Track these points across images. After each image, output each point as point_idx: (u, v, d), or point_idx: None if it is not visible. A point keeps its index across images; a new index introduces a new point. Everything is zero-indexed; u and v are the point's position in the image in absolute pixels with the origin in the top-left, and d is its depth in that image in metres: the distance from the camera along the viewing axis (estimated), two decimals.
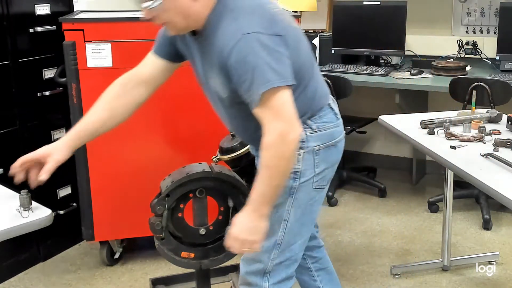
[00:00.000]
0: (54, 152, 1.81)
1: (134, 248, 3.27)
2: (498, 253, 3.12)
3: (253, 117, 1.68)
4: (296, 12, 4.15)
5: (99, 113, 1.87)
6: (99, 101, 1.89)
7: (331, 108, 1.89)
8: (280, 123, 1.62)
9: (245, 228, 1.70)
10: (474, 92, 3.01)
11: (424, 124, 2.52)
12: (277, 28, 1.64)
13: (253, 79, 1.59)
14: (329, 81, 3.69)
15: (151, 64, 1.91)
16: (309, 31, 4.48)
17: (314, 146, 1.83)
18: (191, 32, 1.73)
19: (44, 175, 1.74)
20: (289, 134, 1.63)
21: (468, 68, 3.83)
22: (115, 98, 1.90)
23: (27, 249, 3.11)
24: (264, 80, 1.59)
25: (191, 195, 2.14)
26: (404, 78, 3.78)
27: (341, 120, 1.94)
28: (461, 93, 3.45)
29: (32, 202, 1.74)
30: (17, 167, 1.75)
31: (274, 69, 1.60)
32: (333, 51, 4.17)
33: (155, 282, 2.60)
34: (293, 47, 1.69)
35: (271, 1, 1.73)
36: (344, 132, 1.96)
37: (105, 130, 1.89)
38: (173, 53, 1.88)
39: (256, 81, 1.59)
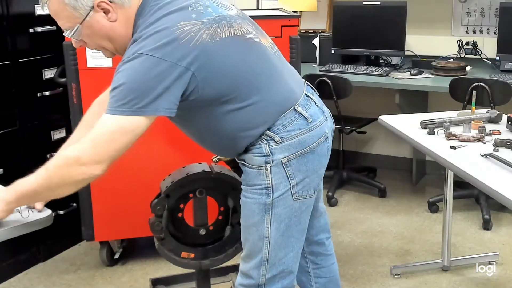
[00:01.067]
0: None
1: (134, 248, 3.27)
2: (498, 253, 3.12)
3: (205, 126, 1.72)
4: (296, 12, 4.15)
5: (81, 131, 1.89)
6: (81, 120, 1.94)
7: (299, 114, 1.75)
8: (88, 151, 1.58)
9: None
10: (474, 92, 3.00)
11: (424, 124, 2.52)
12: (172, 53, 1.55)
13: (111, 94, 1.58)
14: (329, 81, 3.71)
15: None
16: (309, 31, 4.48)
17: (282, 158, 1.72)
18: None
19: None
20: (86, 166, 1.58)
21: (468, 68, 3.84)
22: (94, 115, 1.89)
23: (27, 249, 3.11)
24: (116, 104, 1.56)
25: (191, 195, 2.14)
26: (404, 78, 3.78)
27: (318, 122, 1.79)
28: (461, 93, 3.45)
29: None
30: None
31: (136, 96, 1.55)
32: (333, 51, 4.17)
33: (155, 282, 2.60)
34: (211, 65, 1.60)
35: (199, 12, 1.63)
36: (326, 132, 1.81)
37: None
38: None
39: (111, 98, 1.57)
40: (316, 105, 1.83)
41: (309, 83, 1.90)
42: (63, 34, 1.68)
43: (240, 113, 1.69)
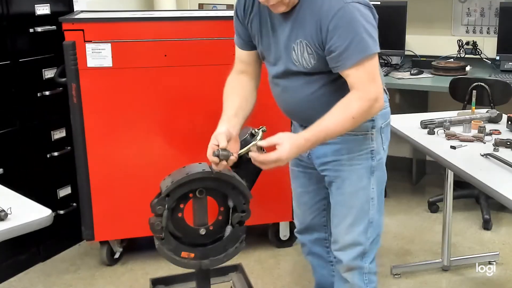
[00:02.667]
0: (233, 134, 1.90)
1: (134, 248, 3.27)
2: (498, 253, 3.12)
3: (331, 88, 1.82)
4: None
5: (236, 99, 1.97)
6: (228, 94, 2.00)
7: (384, 89, 1.95)
8: (375, 86, 1.75)
9: (286, 158, 1.75)
10: (474, 92, 3.01)
11: (424, 124, 2.52)
12: (368, 1, 1.79)
13: (351, 44, 1.70)
14: None
15: (242, 58, 2.06)
16: None
17: (381, 124, 1.95)
18: None
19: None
20: (379, 100, 1.76)
21: (468, 68, 3.84)
22: (239, 87, 2.02)
23: (27, 249, 3.11)
24: (364, 46, 1.71)
25: (191, 195, 2.14)
26: (404, 78, 3.78)
27: None
28: (461, 93, 3.45)
29: (31, 203, 1.74)
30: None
31: (371, 36, 1.73)
32: None
33: (155, 282, 2.60)
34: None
35: None
36: None
37: (244, 114, 1.98)
38: (251, 43, 2.01)
39: (356, 45, 1.71)
40: None
41: None
42: None
43: None
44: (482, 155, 2.17)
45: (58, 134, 3.19)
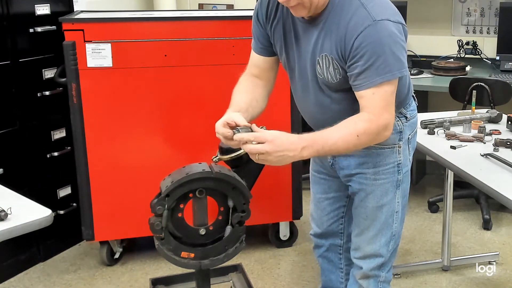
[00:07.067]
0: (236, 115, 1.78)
1: (134, 248, 3.27)
2: (498, 253, 3.12)
3: (352, 103, 1.72)
4: None
5: (242, 95, 1.88)
6: (238, 89, 1.91)
7: (413, 97, 1.95)
8: (388, 115, 1.67)
9: (278, 153, 1.62)
10: (474, 92, 3.01)
11: (424, 124, 2.52)
12: (399, 17, 1.70)
13: (372, 65, 1.61)
14: None
15: (258, 63, 1.95)
16: None
17: (408, 135, 1.90)
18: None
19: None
20: (388, 129, 1.68)
21: (468, 68, 3.84)
22: (252, 86, 1.92)
23: (27, 249, 3.11)
24: (386, 69, 1.62)
25: (191, 195, 2.14)
26: None
27: None
28: (461, 93, 3.45)
29: (31, 203, 1.74)
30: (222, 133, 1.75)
31: (397, 58, 1.63)
32: None
33: (155, 282, 2.60)
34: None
35: None
36: None
37: (253, 114, 1.88)
38: (270, 49, 1.91)
39: (377, 68, 1.61)
40: None
41: None
42: None
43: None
44: (482, 155, 2.17)
45: (58, 134, 3.19)
